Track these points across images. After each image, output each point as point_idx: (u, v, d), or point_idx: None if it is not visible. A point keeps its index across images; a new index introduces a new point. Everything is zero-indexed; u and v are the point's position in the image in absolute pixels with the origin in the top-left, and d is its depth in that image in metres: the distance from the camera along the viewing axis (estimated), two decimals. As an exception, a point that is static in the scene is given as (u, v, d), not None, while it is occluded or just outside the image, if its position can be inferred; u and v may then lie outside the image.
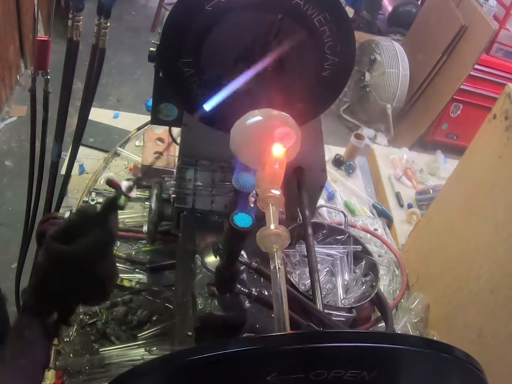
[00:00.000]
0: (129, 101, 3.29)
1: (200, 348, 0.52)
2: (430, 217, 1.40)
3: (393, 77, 3.35)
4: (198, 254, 0.92)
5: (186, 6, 0.88)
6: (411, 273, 1.36)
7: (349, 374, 0.47)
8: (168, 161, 1.44)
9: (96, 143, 1.55)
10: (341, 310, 1.03)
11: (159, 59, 0.99)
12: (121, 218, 1.30)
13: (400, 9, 4.42)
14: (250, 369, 0.48)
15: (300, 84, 0.99)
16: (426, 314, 1.27)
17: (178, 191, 1.04)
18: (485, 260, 1.10)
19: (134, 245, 1.26)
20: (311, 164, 1.18)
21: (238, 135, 0.71)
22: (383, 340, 0.47)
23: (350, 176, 1.73)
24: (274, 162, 0.66)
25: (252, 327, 0.86)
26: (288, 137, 0.68)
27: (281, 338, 0.48)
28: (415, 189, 1.77)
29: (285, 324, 0.55)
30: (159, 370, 0.49)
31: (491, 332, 1.05)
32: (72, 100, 1.27)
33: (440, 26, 3.37)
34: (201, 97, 0.99)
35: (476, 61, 3.08)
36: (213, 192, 1.05)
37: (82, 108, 1.27)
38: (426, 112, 3.44)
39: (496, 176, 1.10)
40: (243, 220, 0.62)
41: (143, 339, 1.07)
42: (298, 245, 1.14)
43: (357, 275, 1.12)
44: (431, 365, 0.49)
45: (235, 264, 0.76)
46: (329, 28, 0.91)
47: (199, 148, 1.13)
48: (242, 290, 0.80)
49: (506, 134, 1.07)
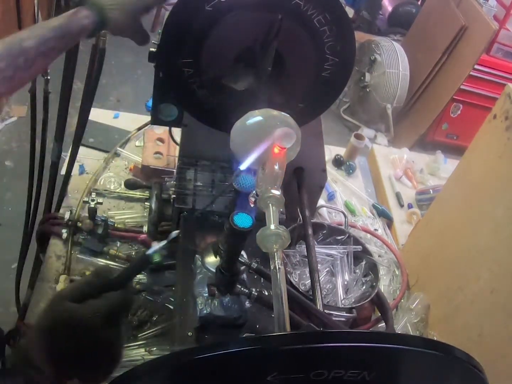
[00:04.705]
0: (129, 101, 3.29)
1: (200, 348, 0.52)
2: (430, 217, 1.40)
3: (393, 77, 3.35)
4: (198, 254, 0.92)
5: (186, 6, 0.88)
6: (411, 273, 1.36)
7: (349, 374, 0.47)
8: (168, 161, 1.44)
9: (96, 143, 1.55)
10: (341, 310, 1.03)
11: (159, 59, 1.00)
12: (121, 218, 1.31)
13: (400, 9, 4.42)
14: (250, 369, 0.48)
15: (300, 84, 0.99)
16: (426, 314, 1.27)
17: (178, 191, 1.04)
18: (485, 260, 1.10)
19: (134, 245, 1.26)
20: (311, 164, 1.18)
21: (238, 135, 0.71)
22: (383, 340, 0.47)
23: (350, 176, 1.73)
24: (274, 162, 0.66)
25: (252, 327, 0.86)
26: (288, 137, 0.68)
27: (281, 338, 0.48)
28: (415, 189, 1.77)
29: (285, 324, 0.55)
30: (159, 370, 0.49)
31: (491, 332, 1.05)
32: (72, 100, 1.28)
33: (440, 26, 3.37)
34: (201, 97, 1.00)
35: (476, 61, 3.08)
36: (213, 192, 1.05)
37: (82, 108, 1.28)
38: (426, 112, 3.44)
39: (496, 176, 1.10)
40: (243, 220, 0.62)
41: (143, 339, 1.07)
42: (298, 245, 1.14)
43: (357, 275, 1.12)
44: (431, 365, 0.49)
45: (235, 264, 0.76)
46: (329, 28, 0.91)
47: (199, 148, 1.13)
48: (242, 290, 0.80)
49: (506, 134, 1.07)
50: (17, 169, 2.62)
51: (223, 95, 0.96)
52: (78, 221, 1.23)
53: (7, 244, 2.13)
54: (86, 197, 1.27)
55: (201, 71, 0.95)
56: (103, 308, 0.58)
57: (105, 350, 0.59)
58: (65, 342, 0.57)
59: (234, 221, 0.62)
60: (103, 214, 1.27)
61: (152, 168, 1.41)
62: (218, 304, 0.83)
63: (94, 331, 0.57)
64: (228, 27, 0.90)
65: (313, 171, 1.19)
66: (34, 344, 0.57)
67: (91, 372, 0.60)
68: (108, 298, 0.59)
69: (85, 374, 0.60)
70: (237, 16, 0.89)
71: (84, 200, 1.25)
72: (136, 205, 1.37)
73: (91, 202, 1.20)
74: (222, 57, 0.94)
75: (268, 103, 0.82)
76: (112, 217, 1.28)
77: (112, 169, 1.47)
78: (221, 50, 0.93)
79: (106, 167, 1.47)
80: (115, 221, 1.26)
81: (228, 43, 0.92)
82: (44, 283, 1.14)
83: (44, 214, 1.35)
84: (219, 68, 0.94)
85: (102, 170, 1.45)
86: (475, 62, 3.08)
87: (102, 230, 1.21)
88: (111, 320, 0.58)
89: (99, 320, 0.57)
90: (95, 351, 0.59)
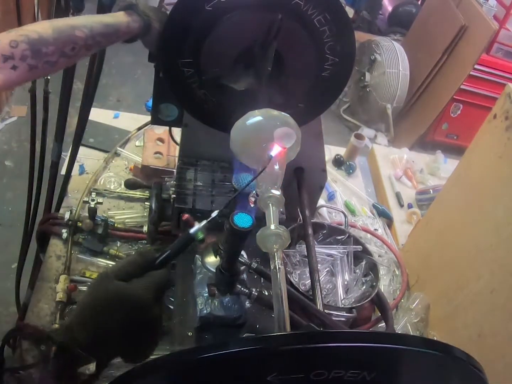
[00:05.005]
0: (129, 101, 3.29)
1: (200, 348, 0.52)
2: (430, 217, 1.40)
3: (393, 77, 3.35)
4: (198, 254, 0.92)
5: (186, 6, 0.88)
6: (411, 273, 1.36)
7: (350, 374, 0.47)
8: (168, 161, 1.44)
9: (96, 143, 1.55)
10: (341, 310, 1.03)
11: (159, 59, 0.99)
12: (121, 218, 1.31)
13: (400, 9, 4.42)
14: (250, 369, 0.48)
15: (300, 84, 0.99)
16: (426, 314, 1.27)
17: (178, 191, 1.04)
18: (485, 260, 1.10)
19: (134, 245, 1.26)
20: (311, 164, 1.18)
21: (238, 135, 0.71)
22: (383, 340, 0.47)
23: (350, 176, 1.73)
24: (274, 162, 0.66)
25: (252, 327, 0.87)
26: (288, 137, 0.68)
27: (281, 338, 0.48)
28: (415, 189, 1.77)
29: (285, 324, 0.55)
30: (159, 370, 0.49)
31: (491, 332, 1.05)
32: (72, 100, 1.28)
33: (440, 26, 3.37)
34: (201, 97, 1.00)
35: (476, 61, 3.08)
36: (213, 192, 1.05)
37: (82, 108, 1.27)
38: (426, 112, 3.44)
39: (496, 176, 1.10)
40: (243, 220, 0.62)
41: (143, 339, 1.07)
42: (298, 245, 1.14)
43: (357, 275, 1.12)
44: (431, 365, 0.49)
45: (235, 264, 0.76)
46: (329, 28, 0.91)
47: (199, 148, 1.13)
48: (242, 290, 0.80)
49: (506, 134, 1.07)
50: (17, 169, 2.62)
51: (223, 95, 0.96)
52: (78, 221, 1.23)
53: (7, 244, 2.13)
54: (86, 197, 1.27)
55: (201, 71, 0.95)
56: (151, 286, 0.59)
57: (152, 327, 0.60)
58: (114, 320, 0.57)
59: (234, 221, 0.62)
60: (103, 214, 1.27)
61: (152, 168, 1.41)
62: (218, 304, 0.83)
63: (145, 308, 0.58)
64: (228, 27, 0.90)
65: (313, 171, 1.19)
66: (79, 323, 0.57)
67: (135, 350, 0.61)
68: (154, 276, 0.60)
69: (129, 352, 0.61)
70: (237, 16, 0.89)
71: (84, 200, 1.25)
72: (136, 205, 1.37)
73: (91, 202, 1.20)
74: (222, 57, 0.94)
75: (268, 103, 0.82)
76: (112, 217, 1.28)
77: (112, 169, 1.47)
78: (221, 50, 0.93)
79: (106, 167, 1.47)
80: (115, 221, 1.26)
81: (228, 43, 0.92)
82: (44, 283, 1.14)
83: (44, 214, 1.35)
84: (219, 68, 0.94)
85: (102, 170, 1.45)
86: (475, 62, 3.08)
87: (102, 230, 1.21)
88: (157, 297, 0.59)
89: (149, 297, 0.58)
90: (143, 328, 0.59)
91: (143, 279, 0.60)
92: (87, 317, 0.57)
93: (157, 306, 0.60)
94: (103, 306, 0.57)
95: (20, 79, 0.72)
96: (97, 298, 0.57)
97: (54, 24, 0.75)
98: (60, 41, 0.75)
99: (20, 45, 0.70)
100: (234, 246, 0.70)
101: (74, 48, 0.77)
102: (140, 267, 0.61)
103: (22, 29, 0.72)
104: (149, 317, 0.59)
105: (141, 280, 0.59)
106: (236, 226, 0.62)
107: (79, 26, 0.77)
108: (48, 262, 1.19)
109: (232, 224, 0.62)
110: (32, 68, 0.72)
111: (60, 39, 0.75)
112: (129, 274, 0.60)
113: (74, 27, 0.77)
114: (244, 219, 0.62)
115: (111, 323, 0.57)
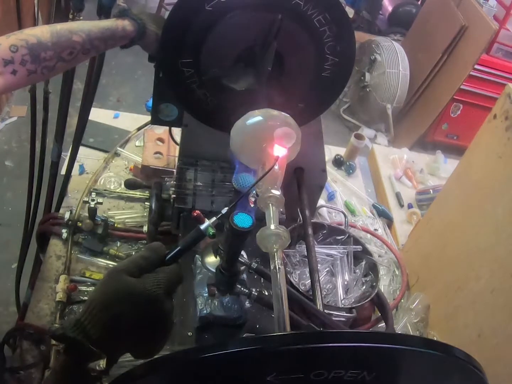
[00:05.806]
0: (129, 101, 3.29)
1: (200, 348, 0.52)
2: (430, 217, 1.40)
3: (393, 77, 3.35)
4: (198, 254, 0.92)
5: (186, 6, 0.88)
6: (411, 273, 1.36)
7: (349, 374, 0.47)
8: (168, 161, 1.44)
9: (96, 143, 1.55)
10: (341, 310, 1.03)
11: (159, 59, 0.99)
12: (121, 218, 1.31)
13: (400, 9, 4.42)
14: (250, 369, 0.48)
15: (300, 84, 0.99)
16: (426, 314, 1.27)
17: (178, 191, 1.04)
18: (485, 260, 1.10)
19: (134, 245, 1.26)
20: (311, 164, 1.18)
21: (238, 135, 0.71)
22: (383, 340, 0.47)
23: (350, 176, 1.73)
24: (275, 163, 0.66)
25: (252, 327, 0.86)
26: (288, 137, 0.68)
27: (281, 338, 0.48)
28: (415, 189, 1.77)
29: (285, 324, 0.55)
30: (159, 370, 0.49)
31: (491, 332, 1.05)
32: (72, 100, 1.28)
33: (440, 26, 3.37)
34: (201, 97, 1.00)
35: (476, 61, 3.08)
36: (213, 192, 1.05)
37: (82, 108, 1.27)
38: (426, 112, 3.44)
39: (496, 176, 1.10)
40: (243, 220, 0.62)
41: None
42: (298, 245, 1.14)
43: (357, 275, 1.12)
44: (431, 365, 0.49)
45: (235, 264, 0.76)
46: (329, 28, 0.91)
47: (199, 148, 1.13)
48: (242, 290, 0.80)
49: (506, 134, 1.07)
50: (17, 169, 2.62)
51: (223, 95, 0.96)
52: (78, 221, 1.23)
53: (7, 244, 2.14)
54: (86, 197, 1.27)
55: (201, 71, 0.95)
56: (163, 281, 0.59)
57: (163, 323, 0.60)
58: (125, 315, 0.56)
59: (234, 221, 0.62)
60: (103, 214, 1.27)
61: (152, 168, 1.41)
62: (218, 304, 0.83)
63: (156, 304, 0.58)
64: (228, 27, 0.90)
65: (313, 171, 1.19)
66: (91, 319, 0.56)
67: (146, 345, 0.60)
68: (165, 271, 0.60)
69: (140, 347, 0.60)
70: (237, 16, 0.89)
71: (84, 200, 1.25)
72: (136, 205, 1.37)
73: (91, 202, 1.20)
74: (222, 57, 0.94)
75: (268, 103, 0.82)
76: (112, 217, 1.28)
77: (112, 169, 1.47)
78: (221, 50, 0.93)
79: (106, 167, 1.47)
80: (115, 221, 1.26)
81: (228, 43, 0.92)
82: (44, 283, 1.14)
83: (44, 214, 1.35)
84: (219, 68, 0.94)
85: (102, 170, 1.45)
86: (475, 62, 3.08)
87: (102, 230, 1.21)
88: (168, 292, 0.60)
89: (161, 292, 0.58)
90: (154, 324, 0.59)
91: (155, 275, 0.60)
92: (99, 313, 0.56)
93: (168, 301, 0.60)
94: (115, 301, 0.57)
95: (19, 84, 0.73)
96: (108, 294, 0.57)
97: (52, 28, 0.76)
98: (58, 45, 0.76)
99: (20, 49, 0.71)
100: (234, 246, 0.70)
101: (71, 53, 0.78)
102: (151, 262, 0.61)
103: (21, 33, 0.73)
104: (160, 312, 0.59)
105: (152, 276, 0.59)
106: (236, 226, 0.62)
107: (76, 31, 0.79)
108: (48, 262, 1.19)
109: (232, 224, 0.62)
110: (31, 73, 0.73)
111: (58, 44, 0.76)
112: (140, 269, 0.60)
113: (72, 32, 0.78)
114: (244, 219, 0.62)
115: (123, 319, 0.56)
